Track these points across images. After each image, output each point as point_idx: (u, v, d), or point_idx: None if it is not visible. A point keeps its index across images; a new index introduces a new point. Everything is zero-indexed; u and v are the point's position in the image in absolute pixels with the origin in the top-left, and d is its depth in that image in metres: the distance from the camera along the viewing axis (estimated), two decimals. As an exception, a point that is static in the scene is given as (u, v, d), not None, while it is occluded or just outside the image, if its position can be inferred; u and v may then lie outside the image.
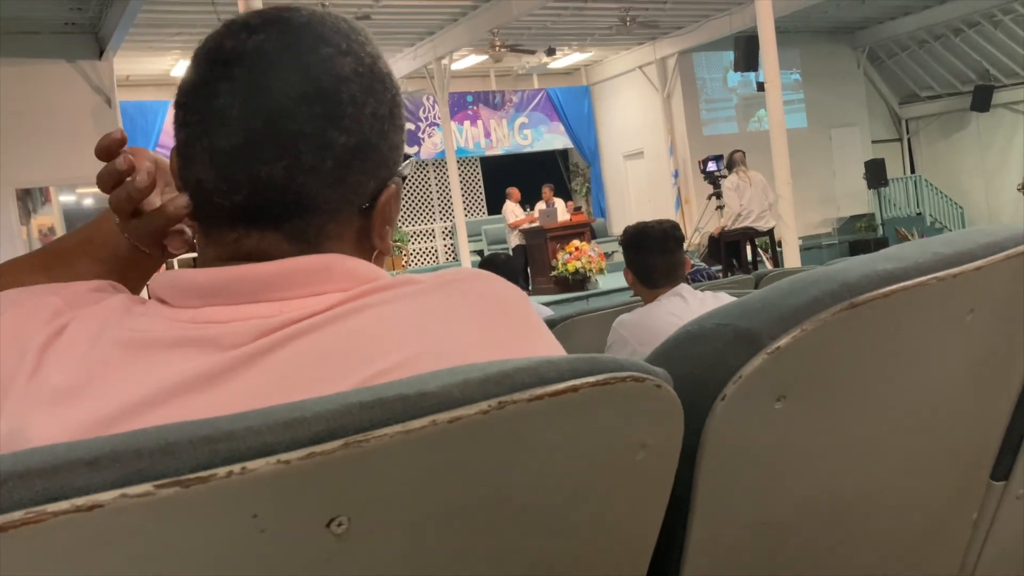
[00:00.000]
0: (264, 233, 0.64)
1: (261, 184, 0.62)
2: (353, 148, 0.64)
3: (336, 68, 0.64)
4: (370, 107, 0.65)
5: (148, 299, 0.67)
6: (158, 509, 0.38)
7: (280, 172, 0.62)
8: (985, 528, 0.96)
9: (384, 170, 0.68)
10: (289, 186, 0.63)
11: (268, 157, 0.62)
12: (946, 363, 0.74)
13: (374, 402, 0.44)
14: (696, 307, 2.29)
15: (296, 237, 0.65)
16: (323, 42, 0.65)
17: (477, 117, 14.27)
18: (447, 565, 0.50)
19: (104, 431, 0.55)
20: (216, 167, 0.63)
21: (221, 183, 0.63)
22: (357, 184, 0.66)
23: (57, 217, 9.94)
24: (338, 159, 0.63)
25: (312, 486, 0.42)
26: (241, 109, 0.62)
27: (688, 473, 0.63)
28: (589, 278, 9.82)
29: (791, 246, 8.27)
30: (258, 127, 0.62)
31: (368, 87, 0.65)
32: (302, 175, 0.63)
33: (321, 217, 0.65)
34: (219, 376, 0.58)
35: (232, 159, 0.62)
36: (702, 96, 14.04)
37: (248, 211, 0.64)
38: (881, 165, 13.65)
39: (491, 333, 0.63)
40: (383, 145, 0.67)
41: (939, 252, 0.68)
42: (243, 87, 0.62)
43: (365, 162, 0.65)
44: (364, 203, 0.67)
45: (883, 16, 13.84)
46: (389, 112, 0.67)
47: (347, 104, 0.64)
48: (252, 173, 0.62)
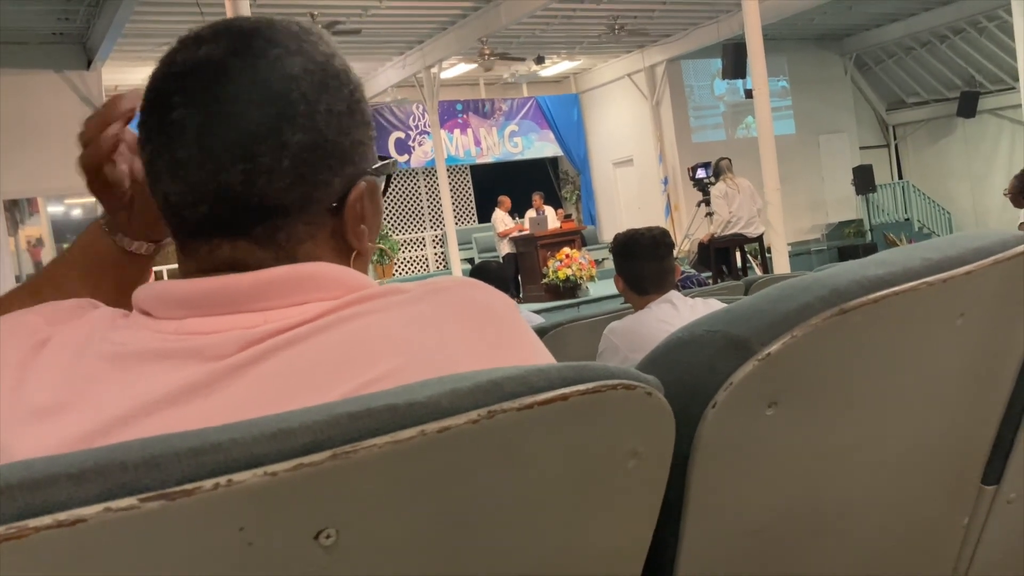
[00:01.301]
0: (235, 242, 0.64)
1: (222, 192, 0.62)
2: (310, 146, 0.64)
3: (286, 68, 0.64)
4: (324, 104, 0.65)
5: (131, 312, 0.66)
6: (143, 523, 0.37)
7: (239, 177, 0.62)
8: (976, 533, 0.96)
9: (350, 167, 0.67)
10: (250, 191, 0.62)
11: (225, 163, 0.62)
12: (936, 368, 0.74)
13: (362, 412, 0.43)
14: (687, 314, 2.29)
15: (267, 243, 0.64)
16: (271, 44, 0.65)
17: (467, 125, 14.28)
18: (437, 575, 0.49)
19: (90, 445, 0.54)
20: (179, 180, 0.63)
21: (186, 195, 0.63)
22: (320, 183, 0.65)
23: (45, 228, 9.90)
24: (295, 158, 0.63)
25: (300, 498, 0.41)
26: (195, 119, 0.62)
27: (680, 480, 0.62)
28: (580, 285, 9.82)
29: (780, 252, 8.30)
30: (213, 134, 0.62)
31: (321, 84, 0.65)
32: (261, 178, 0.62)
33: (288, 219, 0.64)
34: (204, 388, 0.57)
35: (192, 170, 0.63)
36: (690, 103, 14.09)
37: (215, 221, 0.64)
38: (869, 171, 13.72)
39: (480, 342, 0.62)
40: (344, 141, 0.66)
41: (928, 257, 0.68)
42: (196, 97, 0.63)
43: (326, 159, 0.65)
44: (332, 202, 0.66)
45: (870, 23, 13.93)
46: (347, 108, 0.66)
47: (299, 102, 0.63)
48: (214, 181, 0.62)
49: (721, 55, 11.84)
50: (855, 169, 13.85)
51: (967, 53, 13.72)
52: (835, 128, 14.98)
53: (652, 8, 11.26)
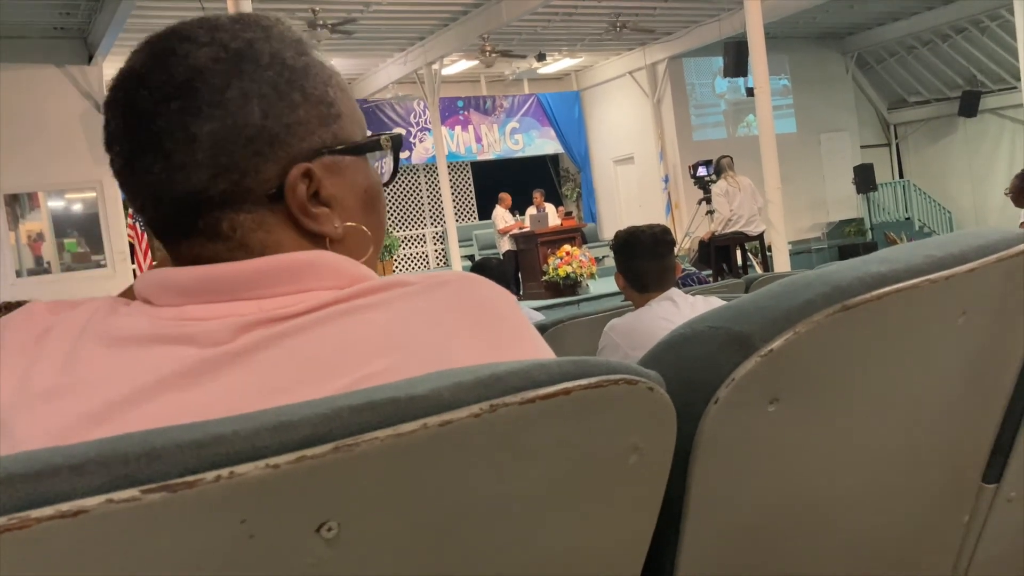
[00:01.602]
0: (192, 239, 0.65)
1: (153, 191, 0.64)
2: (222, 133, 0.62)
3: (191, 61, 0.63)
4: (235, 89, 0.63)
5: (133, 300, 0.66)
6: (144, 514, 0.37)
7: (161, 176, 0.63)
8: (977, 531, 0.96)
9: (284, 148, 0.65)
10: (172, 188, 0.63)
11: (146, 165, 0.63)
12: (938, 365, 0.74)
13: (364, 405, 0.43)
14: (687, 311, 2.29)
15: (215, 235, 0.64)
16: (182, 40, 0.65)
17: (468, 122, 14.27)
18: (438, 570, 0.49)
19: (87, 428, 0.55)
20: (124, 187, 0.65)
21: (135, 201, 0.66)
22: (246, 170, 0.63)
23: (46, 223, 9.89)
24: (208, 148, 0.62)
25: (302, 490, 0.41)
26: (119, 127, 0.64)
27: (681, 476, 0.62)
28: (580, 283, 9.82)
29: (781, 251, 8.30)
30: (131, 138, 0.63)
31: (230, 70, 0.63)
32: (178, 173, 0.63)
33: (225, 210, 0.64)
34: (198, 375, 0.57)
35: (127, 176, 0.65)
36: (692, 101, 14.07)
37: (163, 222, 0.65)
38: (870, 170, 13.71)
39: (480, 337, 0.62)
40: (272, 125, 0.64)
41: (931, 255, 0.68)
42: (119, 109, 0.65)
43: (247, 145, 0.63)
44: (269, 189, 0.64)
45: (871, 22, 13.91)
46: (272, 89, 0.64)
47: (204, 92, 0.63)
48: (144, 183, 0.64)
49: (723, 53, 11.83)
50: (856, 168, 13.84)
51: (969, 52, 13.71)
52: (836, 127, 14.97)
53: (654, 5, 11.25)
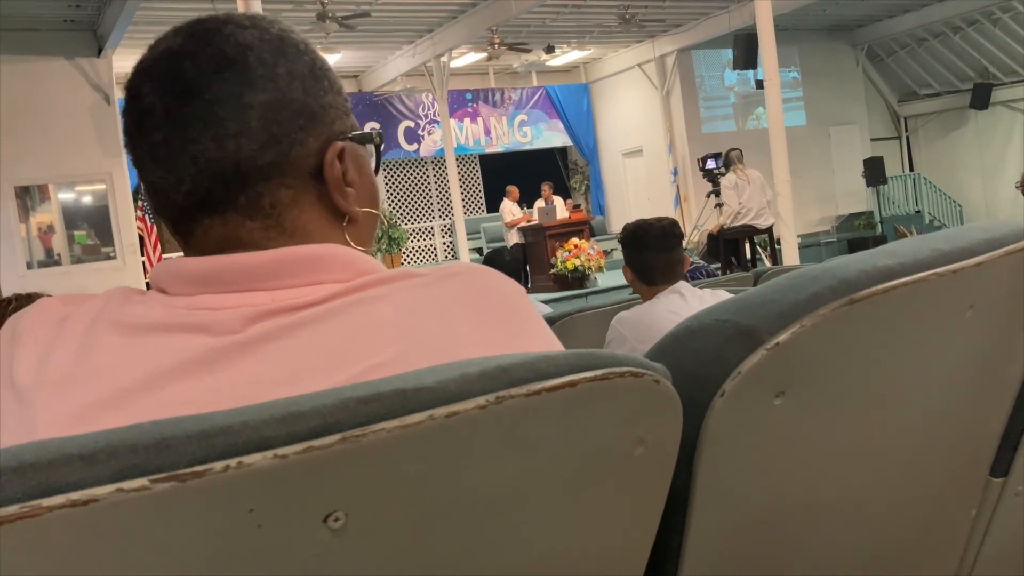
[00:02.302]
0: (225, 216, 0.66)
1: (199, 162, 0.64)
2: (274, 105, 0.65)
3: (239, 39, 0.66)
4: (283, 67, 0.67)
5: (148, 289, 0.67)
6: (154, 504, 0.38)
7: (211, 145, 0.64)
8: (984, 525, 0.96)
9: (322, 127, 0.68)
10: (224, 156, 0.64)
11: (195, 134, 0.64)
12: (946, 359, 0.74)
13: (371, 396, 0.44)
14: (695, 304, 2.29)
15: (254, 212, 0.66)
16: (225, 23, 0.67)
17: (477, 115, 14.25)
18: (444, 561, 0.50)
19: (99, 415, 0.56)
20: (158, 162, 0.65)
21: (168, 177, 0.65)
22: (293, 142, 0.66)
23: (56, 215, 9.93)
24: (262, 118, 0.65)
25: (309, 481, 0.42)
26: (163, 101, 0.65)
27: (687, 470, 0.62)
28: (588, 276, 9.81)
29: (790, 244, 8.27)
30: (178, 110, 0.64)
31: (277, 50, 0.67)
32: (231, 141, 0.64)
33: (268, 183, 0.66)
34: (210, 363, 0.58)
35: (167, 149, 0.65)
36: (701, 94, 14.02)
37: (200, 198, 0.65)
38: (880, 163, 13.64)
39: (489, 328, 0.62)
40: (312, 103, 0.68)
41: (939, 248, 0.68)
42: (161, 84, 0.65)
43: (294, 118, 0.66)
44: (311, 162, 0.68)
45: (882, 14, 13.83)
46: (309, 72, 0.69)
47: (256, 66, 0.65)
48: (187, 155, 0.64)
49: (732, 45, 11.77)
50: (866, 161, 13.77)
51: (980, 44, 13.61)
52: (846, 120, 14.90)
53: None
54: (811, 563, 0.75)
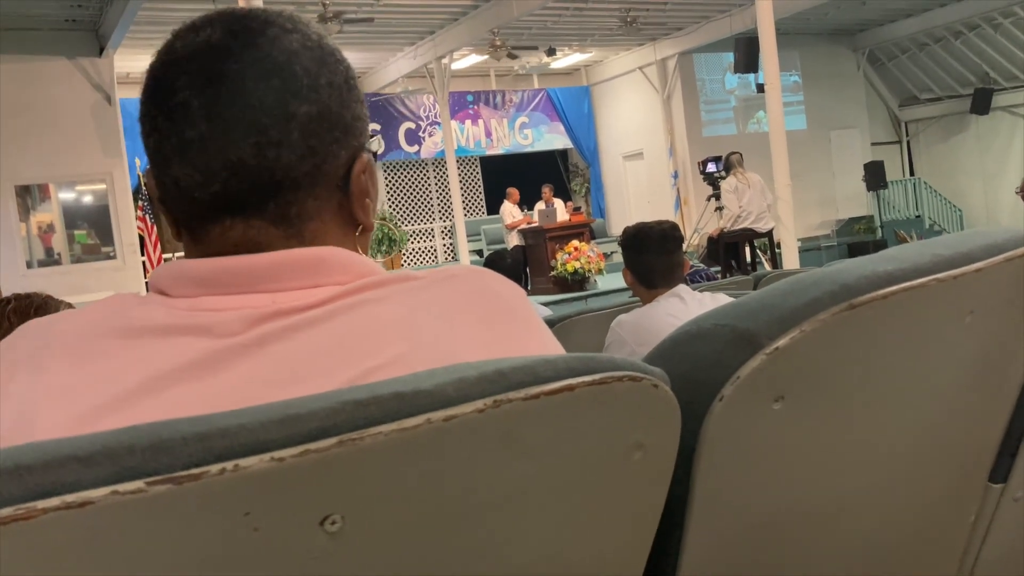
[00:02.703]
0: (249, 221, 0.65)
1: (234, 167, 0.63)
2: (316, 117, 0.65)
3: (285, 44, 0.65)
4: (324, 77, 0.66)
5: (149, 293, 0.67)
6: (150, 506, 0.38)
7: (250, 151, 0.63)
8: (983, 530, 0.96)
9: (352, 139, 0.68)
10: (261, 164, 0.63)
11: (235, 138, 0.63)
12: (945, 365, 0.74)
13: (369, 400, 0.44)
14: (695, 308, 2.28)
15: (279, 220, 0.65)
16: (267, 24, 0.66)
17: (478, 116, 14.26)
18: (440, 564, 0.50)
19: (100, 418, 0.56)
20: (188, 161, 0.64)
21: (196, 176, 0.64)
22: (328, 154, 0.66)
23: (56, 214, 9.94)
24: (303, 129, 0.64)
25: (306, 484, 0.41)
26: (201, 99, 0.63)
27: (685, 474, 0.62)
28: (588, 278, 9.81)
29: (790, 248, 8.27)
30: (220, 112, 0.63)
31: (319, 59, 0.67)
32: (272, 150, 0.63)
33: (299, 194, 0.65)
34: (211, 365, 0.58)
35: (202, 149, 0.63)
36: (702, 97, 14.03)
37: (227, 200, 0.64)
38: (880, 167, 13.64)
39: (489, 331, 0.62)
40: (346, 114, 0.68)
41: (939, 254, 0.68)
42: (199, 79, 0.63)
43: (331, 131, 0.66)
44: (339, 174, 0.68)
45: (883, 18, 13.83)
46: (344, 82, 0.68)
47: (302, 75, 0.65)
48: (224, 158, 0.63)
49: (733, 49, 11.78)
50: (866, 165, 13.77)
51: (981, 49, 13.62)
52: (847, 124, 14.90)
53: (664, 1, 11.21)
54: (809, 568, 0.75)
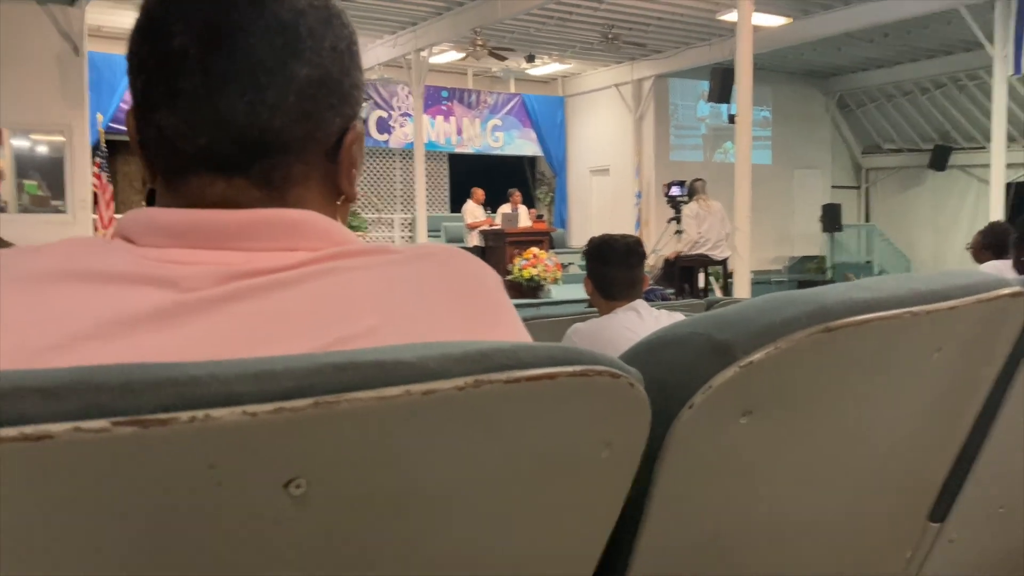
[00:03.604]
0: (231, 179, 0.63)
1: (225, 123, 0.61)
2: (316, 81, 0.63)
3: (293, 1, 0.63)
4: (329, 40, 0.64)
5: (113, 238, 0.64)
6: (112, 447, 0.36)
7: (243, 109, 0.61)
8: (916, 568, 0.98)
9: (348, 107, 0.67)
10: (253, 123, 0.61)
11: (231, 94, 0.60)
12: (908, 398, 0.75)
13: (348, 364, 0.42)
14: (651, 323, 2.30)
15: (263, 181, 0.63)
16: None
17: (451, 113, 14.21)
18: (399, 542, 0.48)
19: (49, 358, 0.53)
20: (178, 111, 0.61)
21: (184, 127, 0.61)
22: (322, 120, 0.64)
23: (8, 161, 9.64)
24: (301, 93, 0.62)
25: (275, 442, 0.40)
26: (199, 48, 0.60)
27: (646, 478, 0.62)
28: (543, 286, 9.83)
29: (742, 278, 8.38)
30: (218, 65, 0.60)
31: (326, 20, 0.64)
32: (266, 111, 0.61)
33: (287, 157, 0.63)
34: (173, 317, 0.56)
35: (193, 101, 0.61)
36: (673, 121, 14.17)
37: (212, 155, 0.62)
38: (837, 210, 13.93)
39: (462, 312, 0.61)
40: (345, 81, 0.66)
41: (915, 288, 0.69)
42: (199, 26, 0.61)
43: (328, 97, 0.64)
44: (330, 141, 0.66)
45: (856, 66, 14.13)
46: (347, 48, 0.66)
47: (306, 36, 0.62)
48: (216, 113, 0.61)
49: (709, 78, 11.93)
50: (825, 206, 14.04)
51: (945, 108, 14.00)
52: (810, 164, 15.18)
53: (648, 22, 11.31)
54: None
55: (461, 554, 0.52)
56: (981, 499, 0.94)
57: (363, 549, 0.47)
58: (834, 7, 10.55)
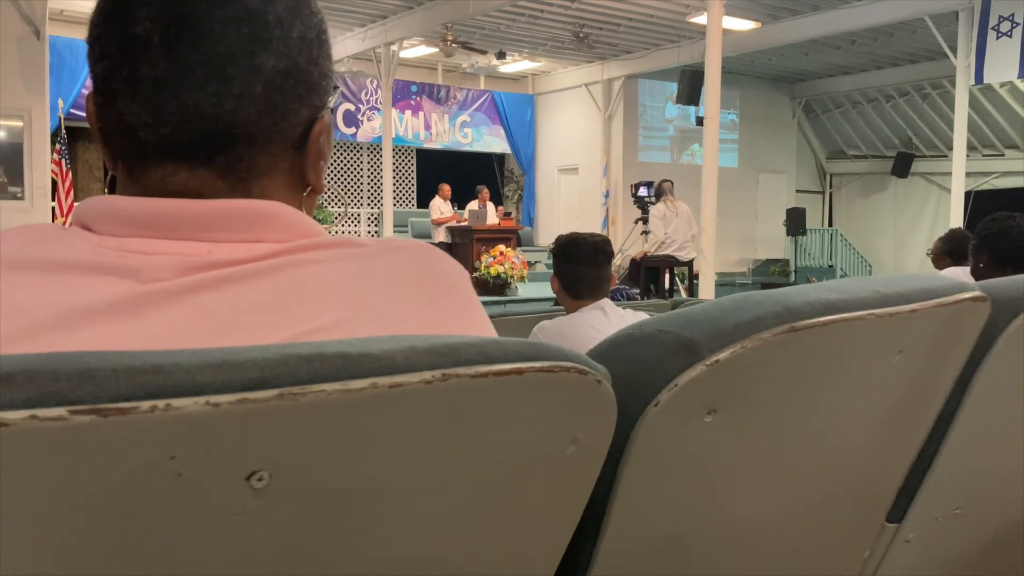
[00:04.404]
0: (194, 169, 0.61)
1: (189, 113, 0.59)
2: (283, 72, 0.61)
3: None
4: (297, 30, 0.63)
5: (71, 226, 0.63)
6: (70, 436, 0.35)
7: (209, 99, 0.59)
8: (873, 567, 0.99)
9: (315, 98, 0.65)
10: (219, 114, 0.60)
11: (195, 83, 0.59)
12: (869, 399, 0.76)
13: (314, 356, 0.42)
14: (616, 322, 2.31)
15: (227, 172, 0.62)
16: None
17: (419, 108, 14.15)
18: (361, 539, 0.48)
19: (6, 350, 0.51)
20: (139, 99, 0.59)
21: (146, 115, 0.60)
22: (289, 111, 0.63)
23: (-36, 145, 9.41)
24: (268, 83, 0.61)
25: (238, 434, 0.39)
26: (163, 35, 0.59)
27: (610, 475, 0.62)
28: (510, 284, 9.83)
29: (707, 279, 8.46)
30: (182, 53, 0.59)
31: (294, 9, 0.63)
32: (231, 101, 0.60)
33: (252, 148, 0.62)
34: (133, 308, 0.55)
35: (156, 90, 0.59)
36: (641, 122, 14.25)
37: (175, 145, 0.60)
38: (802, 215, 14.11)
39: (430, 307, 0.61)
40: (313, 71, 0.64)
41: (879, 290, 0.70)
42: (164, 12, 0.59)
43: (296, 87, 0.63)
44: (297, 133, 0.64)
45: (822, 72, 14.33)
46: (316, 37, 0.65)
47: (274, 26, 0.61)
48: (179, 102, 0.59)
49: (678, 80, 12.01)
50: (789, 210, 14.22)
51: (908, 116, 14.24)
52: (775, 168, 15.36)
53: (618, 22, 11.36)
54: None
55: (424, 549, 0.51)
56: (938, 500, 0.96)
57: (326, 543, 0.46)
58: (803, 13, 10.68)
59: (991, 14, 9.00)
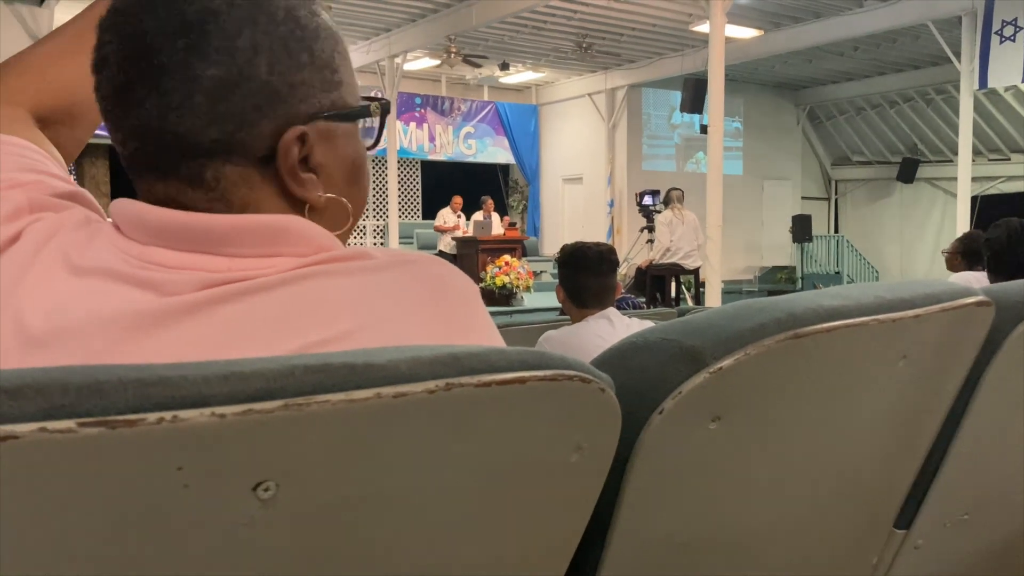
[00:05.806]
0: (167, 181, 0.63)
1: (141, 128, 0.61)
2: (226, 81, 0.61)
3: (206, 2, 0.61)
4: (246, 39, 0.61)
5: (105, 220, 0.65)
6: (79, 448, 0.35)
7: (152, 112, 0.61)
8: (882, 573, 0.99)
9: (284, 107, 0.63)
10: (163, 126, 0.61)
11: (139, 98, 0.61)
12: (874, 406, 0.76)
13: (319, 367, 0.42)
14: (622, 331, 2.31)
15: (195, 181, 0.62)
16: None
17: (424, 120, 14.19)
18: (369, 548, 0.48)
19: (27, 350, 0.53)
20: (108, 117, 0.63)
21: (115, 133, 0.63)
22: (243, 122, 0.62)
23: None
24: (208, 94, 0.60)
25: (244, 445, 0.40)
26: (118, 53, 0.61)
27: (616, 483, 0.62)
28: (515, 294, 9.83)
29: (714, 287, 8.45)
30: (128, 69, 0.61)
31: (245, 18, 0.62)
32: (172, 113, 0.60)
33: (214, 159, 0.62)
34: (154, 322, 0.56)
35: (114, 105, 0.62)
36: (646, 131, 14.26)
37: (143, 159, 0.63)
38: (808, 221, 14.09)
39: (438, 320, 0.61)
40: (276, 81, 0.62)
41: (882, 296, 0.70)
42: (119, 31, 0.62)
43: (249, 98, 0.61)
44: (262, 145, 0.63)
45: (826, 78, 14.33)
46: (282, 46, 0.63)
47: (213, 35, 0.61)
48: (132, 117, 0.62)
49: (682, 88, 12.03)
50: (795, 217, 14.20)
51: (913, 121, 14.22)
52: (781, 175, 15.35)
53: (621, 31, 11.39)
54: (719, 592, 0.76)
55: (431, 557, 0.52)
56: (946, 506, 0.96)
57: (333, 553, 0.46)
58: (805, 20, 10.69)
59: (994, 19, 8.99)
